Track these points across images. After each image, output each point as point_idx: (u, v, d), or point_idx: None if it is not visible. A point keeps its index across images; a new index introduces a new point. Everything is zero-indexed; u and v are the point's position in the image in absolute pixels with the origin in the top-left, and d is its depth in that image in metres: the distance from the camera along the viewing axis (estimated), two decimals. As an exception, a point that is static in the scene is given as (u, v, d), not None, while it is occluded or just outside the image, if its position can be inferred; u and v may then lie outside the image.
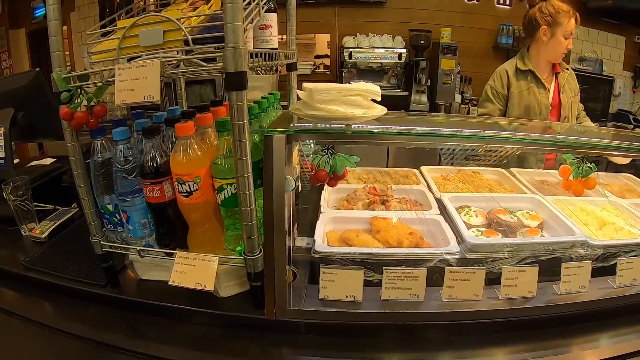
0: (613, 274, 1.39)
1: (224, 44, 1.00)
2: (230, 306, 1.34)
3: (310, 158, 1.22)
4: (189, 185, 1.19)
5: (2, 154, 1.97)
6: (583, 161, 1.49)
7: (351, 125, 1.18)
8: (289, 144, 1.18)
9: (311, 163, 1.22)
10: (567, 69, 2.80)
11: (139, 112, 1.39)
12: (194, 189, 1.19)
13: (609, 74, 5.06)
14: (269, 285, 1.23)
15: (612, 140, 1.72)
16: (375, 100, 1.25)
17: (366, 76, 4.59)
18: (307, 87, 1.20)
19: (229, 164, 1.17)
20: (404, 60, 4.41)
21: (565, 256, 1.41)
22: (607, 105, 4.99)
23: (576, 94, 2.80)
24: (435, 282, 1.34)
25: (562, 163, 1.90)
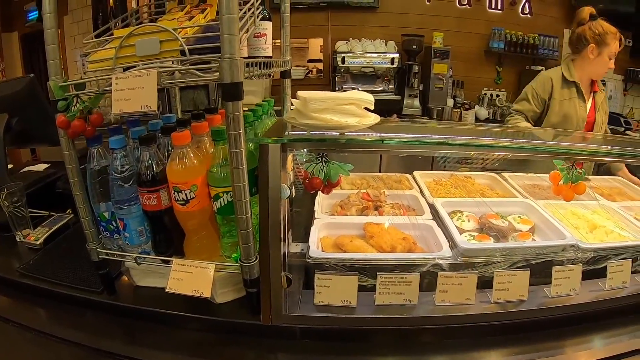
0: (604, 276, 1.40)
1: (220, 54, 1.02)
2: (226, 312, 1.35)
3: (305, 166, 1.24)
4: (186, 194, 1.20)
5: (-4, 160, 1.97)
6: (573, 167, 1.51)
7: (345, 133, 1.20)
8: (283, 152, 1.19)
9: (305, 170, 1.23)
10: (603, 90, 2.90)
11: (134, 120, 1.39)
12: (190, 197, 1.20)
13: (600, 77, 5.08)
14: (264, 291, 1.25)
15: (601, 146, 1.75)
16: (368, 108, 1.27)
17: (359, 81, 4.60)
18: (301, 96, 1.22)
19: (225, 172, 1.18)
20: (396, 65, 4.42)
21: (556, 260, 1.43)
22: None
23: (606, 115, 2.91)
24: (429, 286, 1.35)
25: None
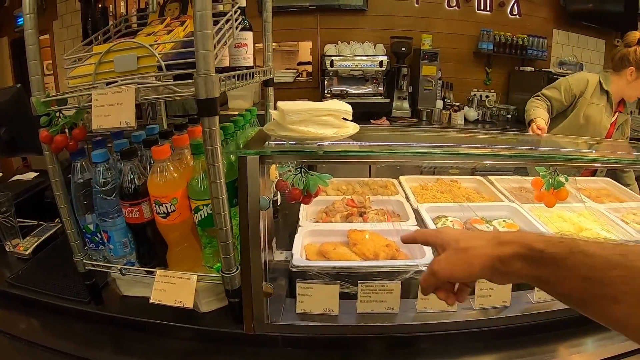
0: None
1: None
2: (211, 321, 1.37)
3: (284, 177, 1.25)
4: (166, 207, 1.21)
5: (-16, 170, 1.98)
6: (555, 173, 1.53)
7: (323, 145, 1.22)
8: (262, 164, 1.20)
9: (284, 181, 1.25)
10: (628, 113, 2.99)
11: (118, 132, 1.40)
12: (171, 210, 1.22)
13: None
14: (246, 301, 1.26)
15: (586, 150, 1.77)
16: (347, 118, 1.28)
17: (348, 83, 4.62)
18: (280, 107, 1.23)
19: (204, 185, 1.19)
20: (385, 68, 4.42)
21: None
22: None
23: (624, 137, 2.99)
24: (415, 293, 1.37)
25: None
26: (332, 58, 4.39)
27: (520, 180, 2.24)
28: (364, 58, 4.44)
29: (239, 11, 1.36)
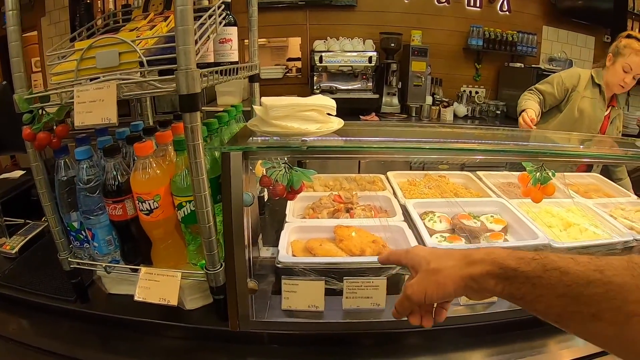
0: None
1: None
2: (196, 319, 1.37)
3: (268, 172, 1.25)
4: (149, 204, 1.20)
5: (-31, 169, 1.96)
6: (542, 168, 1.53)
7: (307, 140, 1.21)
8: (245, 160, 1.20)
9: (268, 177, 1.24)
10: (621, 108, 3.05)
11: (102, 129, 1.39)
12: (154, 207, 1.21)
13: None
14: (231, 298, 1.25)
15: (572, 146, 1.78)
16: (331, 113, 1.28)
17: (337, 79, 4.61)
18: (263, 102, 1.23)
19: (187, 182, 1.18)
20: (374, 63, 4.42)
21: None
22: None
23: (617, 132, 3.05)
24: (399, 289, 1.36)
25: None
26: (321, 54, 4.38)
27: (509, 175, 2.23)
28: (353, 54, 4.43)
29: (223, 6, 1.35)
